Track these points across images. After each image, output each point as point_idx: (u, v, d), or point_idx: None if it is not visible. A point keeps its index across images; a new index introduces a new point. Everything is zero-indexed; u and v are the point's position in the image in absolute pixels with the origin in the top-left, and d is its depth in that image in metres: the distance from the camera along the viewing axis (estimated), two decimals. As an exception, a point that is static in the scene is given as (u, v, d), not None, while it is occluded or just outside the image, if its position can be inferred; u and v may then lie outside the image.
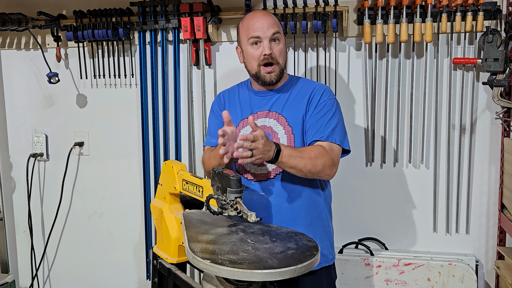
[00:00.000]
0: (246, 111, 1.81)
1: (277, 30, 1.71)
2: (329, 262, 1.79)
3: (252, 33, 1.70)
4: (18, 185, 2.92)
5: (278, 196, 1.72)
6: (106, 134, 2.73)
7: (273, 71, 1.72)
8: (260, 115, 1.78)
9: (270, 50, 1.69)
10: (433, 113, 2.30)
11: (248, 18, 1.74)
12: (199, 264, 1.24)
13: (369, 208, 2.43)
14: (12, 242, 2.96)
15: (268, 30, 1.69)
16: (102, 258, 2.85)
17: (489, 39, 2.10)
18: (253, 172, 1.75)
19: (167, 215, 1.67)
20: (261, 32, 1.69)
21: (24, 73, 2.79)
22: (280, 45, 1.72)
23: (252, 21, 1.71)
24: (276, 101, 1.78)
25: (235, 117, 1.80)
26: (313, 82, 1.84)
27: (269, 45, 1.69)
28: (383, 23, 2.19)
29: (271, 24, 1.70)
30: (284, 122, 1.74)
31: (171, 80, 2.55)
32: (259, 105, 1.80)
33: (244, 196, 1.72)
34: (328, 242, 1.81)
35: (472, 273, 2.24)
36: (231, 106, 1.86)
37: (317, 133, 1.69)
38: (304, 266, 1.23)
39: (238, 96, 1.87)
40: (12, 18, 2.54)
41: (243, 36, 1.74)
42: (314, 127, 1.70)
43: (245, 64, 1.79)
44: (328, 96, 1.75)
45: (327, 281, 1.79)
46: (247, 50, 1.73)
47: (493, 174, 2.30)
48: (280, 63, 1.73)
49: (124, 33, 2.47)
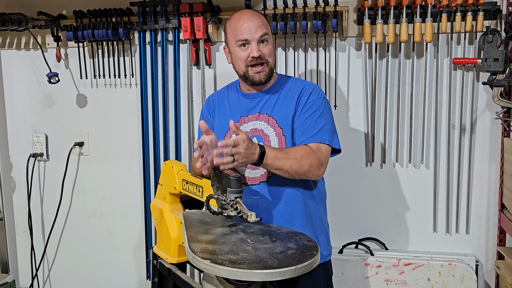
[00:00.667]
0: (236, 114, 1.79)
1: (265, 32, 1.68)
2: (326, 259, 1.80)
3: (240, 35, 1.67)
4: (18, 185, 2.92)
5: (271, 199, 1.72)
6: (106, 134, 2.73)
7: (262, 71, 1.70)
8: (251, 118, 1.76)
9: (258, 52, 1.66)
10: (433, 113, 2.30)
11: (235, 19, 1.71)
12: (199, 264, 1.24)
13: (369, 208, 2.43)
14: (12, 242, 2.96)
15: (256, 32, 1.66)
16: (102, 258, 2.85)
17: (489, 39, 2.10)
18: (246, 175, 1.74)
19: (167, 215, 1.67)
20: (248, 34, 1.66)
21: (24, 73, 2.80)
22: (268, 46, 1.70)
23: (239, 23, 1.68)
24: (265, 103, 1.76)
25: (225, 121, 1.78)
26: (302, 82, 1.81)
27: (257, 47, 1.67)
28: (383, 23, 2.19)
29: (258, 26, 1.67)
30: (275, 124, 1.72)
31: (171, 80, 2.55)
32: (249, 107, 1.78)
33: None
34: (324, 239, 1.81)
35: (472, 273, 2.24)
36: (221, 110, 1.85)
37: (305, 133, 1.67)
38: (304, 266, 1.23)
39: (227, 99, 1.86)
40: (12, 18, 2.54)
41: (230, 37, 1.72)
42: (302, 126, 1.69)
43: (233, 64, 1.77)
44: (317, 95, 1.73)
45: (324, 278, 1.79)
46: (235, 51, 1.71)
47: (493, 174, 2.30)
48: (269, 62, 1.71)
49: (124, 33, 2.47)
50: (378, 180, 2.40)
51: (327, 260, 1.82)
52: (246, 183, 1.74)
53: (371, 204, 2.42)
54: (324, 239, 1.81)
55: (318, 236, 1.77)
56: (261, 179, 1.73)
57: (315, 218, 1.78)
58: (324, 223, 1.84)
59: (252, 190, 1.74)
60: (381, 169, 2.39)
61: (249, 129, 1.75)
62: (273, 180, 1.72)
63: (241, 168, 1.74)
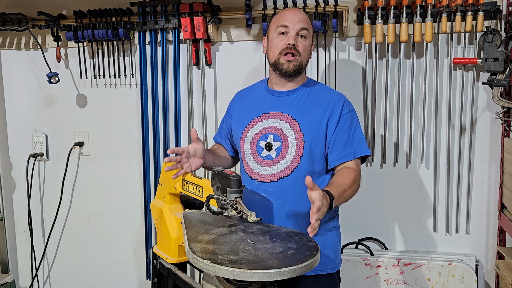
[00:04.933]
0: (259, 109, 1.79)
1: (306, 27, 1.71)
2: (330, 271, 1.75)
3: (282, 22, 1.70)
4: (18, 185, 2.92)
5: (279, 199, 1.71)
6: (106, 134, 2.73)
7: (293, 60, 1.70)
8: (272, 116, 1.75)
9: (294, 41, 1.69)
10: (433, 113, 2.30)
11: (282, 10, 1.78)
12: (199, 264, 1.24)
13: (369, 208, 2.43)
14: (12, 242, 2.96)
15: (297, 23, 1.70)
16: (102, 258, 2.85)
17: (489, 39, 2.10)
18: (257, 172, 1.74)
19: (167, 215, 1.67)
20: (290, 23, 1.70)
21: (24, 73, 2.80)
22: (306, 42, 1.72)
23: (285, 12, 1.74)
24: (290, 103, 1.75)
25: (245, 117, 1.80)
26: (330, 91, 1.80)
27: (295, 37, 1.69)
28: (383, 23, 2.19)
29: (301, 20, 1.71)
30: (297, 127, 1.71)
31: (171, 80, 2.55)
32: (273, 104, 1.77)
33: (245, 196, 1.72)
34: (330, 250, 1.76)
35: (472, 273, 2.24)
36: (242, 105, 1.87)
37: (345, 148, 1.68)
38: (304, 266, 1.23)
39: (253, 94, 1.87)
40: (12, 18, 2.54)
41: (272, 25, 1.75)
42: (341, 141, 1.69)
43: (267, 53, 1.78)
44: (349, 108, 1.74)
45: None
46: (273, 39, 1.73)
47: (493, 174, 2.30)
48: (302, 57, 1.72)
49: (124, 33, 2.47)
50: (378, 180, 2.40)
51: (332, 272, 1.77)
52: (257, 179, 1.74)
53: (371, 204, 2.42)
54: (329, 251, 1.76)
55: (323, 246, 1.71)
56: (272, 178, 1.72)
57: (323, 229, 1.74)
58: (333, 234, 1.79)
59: (261, 187, 1.73)
60: (381, 169, 2.39)
61: (267, 126, 1.74)
62: (284, 182, 1.70)
63: (253, 164, 1.75)
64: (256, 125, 1.76)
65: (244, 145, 1.78)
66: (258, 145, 1.74)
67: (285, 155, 1.70)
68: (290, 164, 1.69)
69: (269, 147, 1.72)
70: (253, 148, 1.75)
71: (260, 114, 1.77)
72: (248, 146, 1.76)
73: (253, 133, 1.76)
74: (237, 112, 1.88)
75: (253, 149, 1.75)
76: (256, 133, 1.75)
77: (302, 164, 1.68)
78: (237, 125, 1.84)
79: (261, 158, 1.73)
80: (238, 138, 1.81)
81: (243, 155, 1.79)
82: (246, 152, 1.77)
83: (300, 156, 1.68)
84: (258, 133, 1.75)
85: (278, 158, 1.71)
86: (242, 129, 1.80)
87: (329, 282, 1.77)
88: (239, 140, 1.80)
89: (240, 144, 1.80)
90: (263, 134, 1.74)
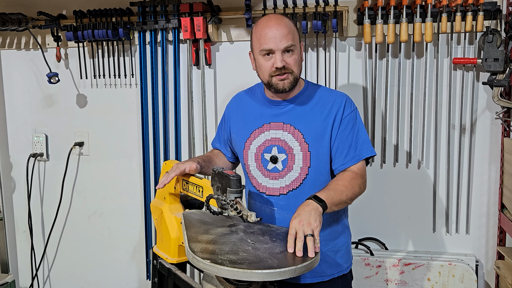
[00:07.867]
0: (259, 119, 1.73)
1: (291, 43, 1.59)
2: (344, 271, 1.76)
3: (264, 45, 1.59)
4: (18, 185, 2.92)
5: (290, 212, 1.58)
6: (106, 134, 2.73)
7: (286, 78, 1.62)
8: (273, 126, 1.69)
9: (282, 63, 1.58)
10: (433, 113, 2.30)
11: (261, 25, 1.62)
12: (199, 264, 1.24)
13: (369, 208, 2.43)
14: (12, 242, 2.96)
15: (280, 42, 1.57)
16: (102, 258, 2.85)
17: (489, 39, 2.10)
18: (265, 185, 1.71)
19: (167, 215, 1.67)
20: (273, 44, 1.57)
21: (24, 73, 2.80)
22: (294, 56, 1.61)
23: (265, 30, 1.60)
24: (291, 112, 1.69)
25: (246, 126, 1.75)
26: (330, 92, 1.74)
27: (281, 57, 1.58)
28: (383, 23, 2.19)
29: (284, 36, 1.58)
30: (301, 138, 1.66)
31: (171, 80, 2.55)
32: (273, 114, 1.71)
33: (256, 208, 1.72)
34: (343, 252, 1.76)
35: (472, 273, 2.24)
36: (240, 114, 1.80)
37: (350, 150, 1.65)
38: (304, 266, 1.23)
39: (250, 101, 1.80)
40: (12, 18, 2.54)
41: (255, 45, 1.64)
42: (345, 144, 1.65)
43: (257, 72, 1.70)
44: (350, 108, 1.69)
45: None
46: (259, 60, 1.63)
47: (493, 174, 2.30)
48: (294, 72, 1.62)
49: (124, 33, 2.47)
50: (378, 180, 2.40)
51: (346, 273, 1.77)
52: (265, 192, 1.71)
53: (371, 204, 2.42)
54: (343, 252, 1.76)
55: (336, 250, 1.73)
56: (281, 191, 1.69)
57: (335, 233, 1.73)
58: (345, 237, 1.78)
59: (271, 201, 1.70)
60: (381, 169, 2.39)
61: (270, 137, 1.69)
62: (293, 194, 1.67)
63: (260, 177, 1.72)
64: (259, 136, 1.71)
65: (248, 158, 1.74)
66: (263, 158, 1.70)
67: (292, 168, 1.66)
68: (299, 176, 1.66)
69: (274, 160, 1.68)
70: (258, 161, 1.71)
71: (261, 125, 1.72)
72: (252, 159, 1.72)
73: (256, 146, 1.71)
74: (236, 120, 1.82)
75: (258, 162, 1.71)
76: (259, 145, 1.71)
77: (310, 175, 1.66)
78: (238, 135, 1.78)
79: (267, 171, 1.70)
80: (241, 150, 1.76)
81: (247, 168, 1.75)
82: (251, 165, 1.73)
83: (308, 167, 1.66)
84: (261, 145, 1.70)
85: (285, 171, 1.67)
86: (243, 141, 1.75)
87: (343, 282, 1.77)
88: (242, 152, 1.76)
89: (244, 156, 1.75)
90: (267, 146, 1.69)
